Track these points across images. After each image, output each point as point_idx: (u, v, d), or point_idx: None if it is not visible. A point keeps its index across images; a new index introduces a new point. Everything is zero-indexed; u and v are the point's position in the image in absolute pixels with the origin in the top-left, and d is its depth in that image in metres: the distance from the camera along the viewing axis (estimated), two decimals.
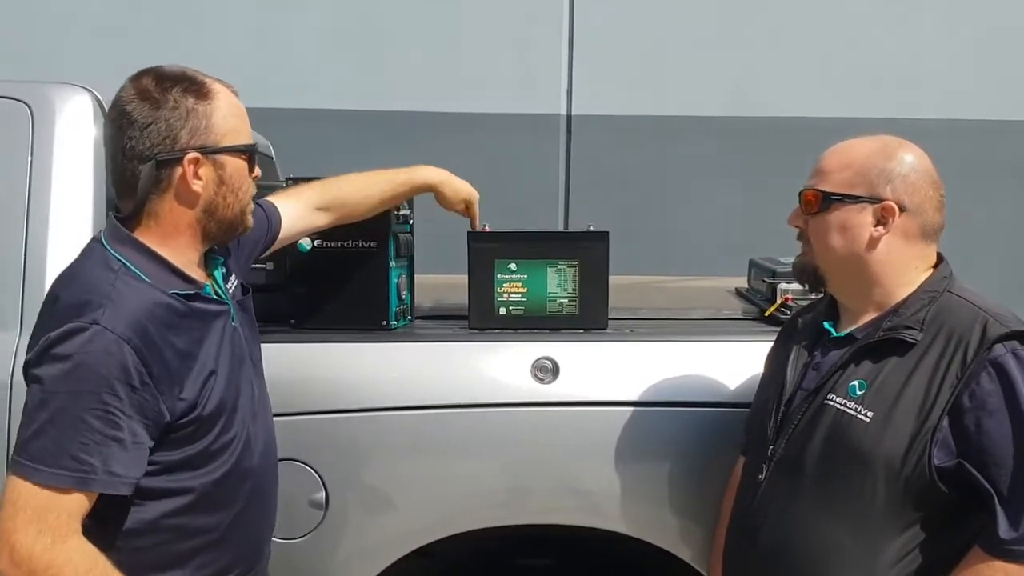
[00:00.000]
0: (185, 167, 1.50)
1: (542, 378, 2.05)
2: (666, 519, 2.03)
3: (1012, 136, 5.42)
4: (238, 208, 1.58)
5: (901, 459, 1.52)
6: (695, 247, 5.18)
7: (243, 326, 1.67)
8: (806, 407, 1.66)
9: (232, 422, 1.56)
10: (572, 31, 5.49)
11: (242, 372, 1.62)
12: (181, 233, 1.54)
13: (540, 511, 2.06)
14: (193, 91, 1.52)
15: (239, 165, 1.57)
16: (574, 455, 2.02)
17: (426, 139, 5.35)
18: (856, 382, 1.61)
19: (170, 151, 1.49)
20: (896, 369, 1.58)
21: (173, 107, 1.50)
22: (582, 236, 2.24)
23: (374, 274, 2.16)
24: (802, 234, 1.74)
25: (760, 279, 2.58)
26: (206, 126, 1.52)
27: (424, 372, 2.06)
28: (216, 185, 1.54)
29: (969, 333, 1.54)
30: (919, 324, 1.59)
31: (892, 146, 1.67)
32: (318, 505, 2.01)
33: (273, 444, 1.73)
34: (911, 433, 1.53)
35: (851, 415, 1.59)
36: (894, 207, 1.62)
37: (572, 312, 2.21)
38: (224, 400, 1.54)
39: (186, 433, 1.49)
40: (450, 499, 2.03)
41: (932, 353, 1.56)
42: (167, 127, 1.49)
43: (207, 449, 1.52)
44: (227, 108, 1.55)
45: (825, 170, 1.68)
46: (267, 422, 1.72)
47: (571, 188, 5.53)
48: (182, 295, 1.51)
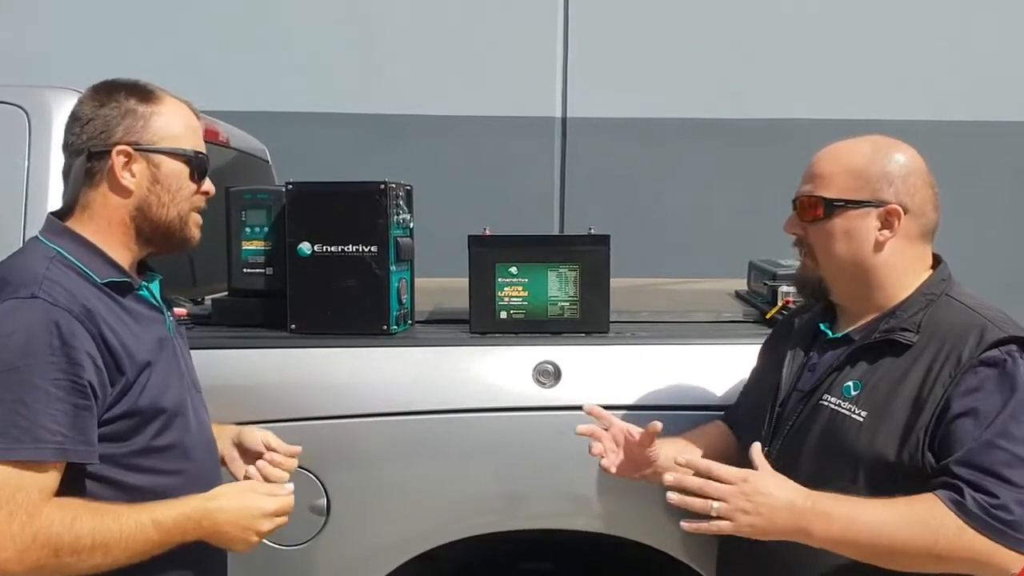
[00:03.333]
0: (114, 159, 1.54)
1: (544, 382, 2.04)
2: (668, 523, 2.02)
3: (1009, 137, 5.43)
4: (175, 212, 1.60)
5: (894, 458, 1.53)
6: (694, 249, 5.18)
7: (183, 350, 1.70)
8: (801, 408, 1.67)
9: (171, 426, 1.56)
10: (567, 34, 5.49)
11: (182, 385, 1.62)
12: (115, 228, 1.57)
13: (542, 515, 2.06)
14: (138, 95, 1.58)
15: (176, 168, 1.59)
16: (576, 459, 2.01)
17: (422, 142, 5.35)
18: (851, 382, 1.62)
19: (103, 145, 1.54)
20: (890, 370, 1.59)
21: (114, 106, 1.56)
22: (583, 239, 2.23)
23: (375, 278, 2.15)
24: (800, 241, 1.72)
25: (760, 281, 2.58)
26: (143, 125, 1.56)
27: (425, 376, 2.05)
28: (150, 183, 1.57)
29: (966, 337, 1.54)
30: (915, 326, 1.59)
31: (887, 147, 1.66)
32: (319, 511, 2.00)
33: (216, 468, 1.72)
34: (903, 433, 1.53)
35: (845, 415, 1.59)
36: (899, 210, 1.62)
37: (573, 315, 2.20)
38: (160, 401, 1.54)
39: (124, 426, 1.49)
40: (452, 504, 2.03)
41: (927, 355, 1.56)
42: (104, 123, 1.55)
43: (146, 448, 1.52)
44: (172, 116, 1.60)
45: (823, 175, 1.66)
46: (211, 451, 1.71)
47: (566, 191, 5.53)
48: (118, 283, 1.54)
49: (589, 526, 2.06)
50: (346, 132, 5.33)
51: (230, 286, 2.30)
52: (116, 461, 1.49)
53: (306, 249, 2.16)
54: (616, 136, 5.42)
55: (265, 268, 2.25)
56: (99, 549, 1.40)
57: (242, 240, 2.26)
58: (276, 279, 2.23)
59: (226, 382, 2.04)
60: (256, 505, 1.56)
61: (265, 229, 2.25)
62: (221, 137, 2.90)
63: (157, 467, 1.54)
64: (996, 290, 2.06)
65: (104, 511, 1.42)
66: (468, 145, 5.40)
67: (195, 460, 1.61)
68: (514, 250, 2.22)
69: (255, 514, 1.55)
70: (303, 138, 5.11)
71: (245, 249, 2.26)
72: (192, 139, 1.62)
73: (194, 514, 1.49)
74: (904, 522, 1.46)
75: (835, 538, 1.49)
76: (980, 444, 1.46)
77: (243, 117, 3.54)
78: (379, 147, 5.29)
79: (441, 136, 5.39)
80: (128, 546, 1.42)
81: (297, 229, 2.17)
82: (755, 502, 1.48)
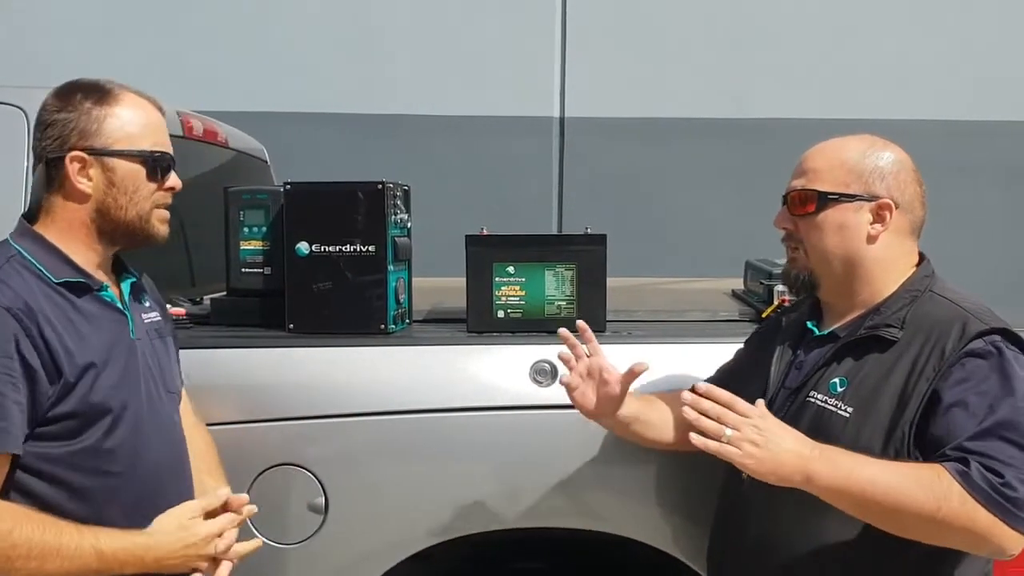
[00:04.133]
0: (68, 165, 1.57)
1: (541, 381, 2.05)
2: (665, 521, 2.04)
3: (1009, 137, 5.45)
4: (133, 212, 1.62)
5: (879, 453, 1.54)
6: (690, 249, 5.19)
7: (156, 351, 1.71)
8: (788, 405, 1.68)
9: (119, 428, 1.56)
10: (565, 33, 5.49)
11: (140, 387, 1.63)
12: (76, 231, 1.61)
13: (539, 514, 2.06)
14: (94, 97, 1.60)
15: (133, 169, 1.61)
16: (573, 458, 2.03)
17: (420, 142, 5.35)
18: (837, 379, 1.64)
19: (59, 151, 1.58)
20: (876, 366, 1.60)
21: (70, 110, 1.59)
22: (580, 239, 2.24)
23: (372, 278, 2.16)
24: (790, 236, 1.74)
25: (756, 281, 2.59)
26: (96, 129, 1.59)
27: (423, 376, 2.06)
28: (106, 186, 1.60)
29: (949, 330, 1.56)
30: (900, 322, 1.61)
31: (878, 144, 1.69)
32: (317, 509, 2.01)
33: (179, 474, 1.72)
34: (889, 427, 1.55)
35: (831, 411, 1.61)
36: (891, 203, 1.64)
37: (570, 315, 2.21)
38: (108, 403, 1.55)
39: (67, 426, 1.51)
40: (449, 502, 2.03)
41: (911, 350, 1.58)
42: (60, 128, 1.58)
43: (91, 448, 1.53)
44: (128, 116, 1.62)
45: (815, 169, 1.68)
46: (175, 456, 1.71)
47: (564, 190, 5.53)
48: (73, 283, 1.57)
49: (586, 524, 2.07)
50: (344, 132, 5.33)
51: (228, 286, 2.31)
52: (61, 461, 1.51)
53: (304, 249, 2.17)
54: (614, 136, 5.43)
55: (263, 268, 2.26)
56: (34, 561, 1.42)
57: (240, 240, 2.27)
58: (274, 279, 2.24)
59: (225, 382, 2.05)
60: (194, 533, 1.57)
61: (263, 229, 2.26)
62: (220, 137, 2.91)
63: (104, 468, 1.55)
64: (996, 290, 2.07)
65: (48, 526, 1.44)
66: (466, 145, 5.41)
67: (148, 462, 1.61)
68: (511, 250, 2.23)
69: (195, 541, 1.57)
70: (301, 138, 5.11)
71: (243, 249, 2.27)
72: (151, 137, 1.64)
73: (136, 550, 1.51)
74: (908, 481, 1.46)
75: (837, 486, 1.48)
76: (981, 431, 1.47)
77: (242, 117, 3.54)
78: (377, 147, 5.29)
79: (439, 136, 5.39)
80: (64, 566, 1.44)
81: (295, 229, 2.18)
82: (766, 437, 1.49)
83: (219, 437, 1.98)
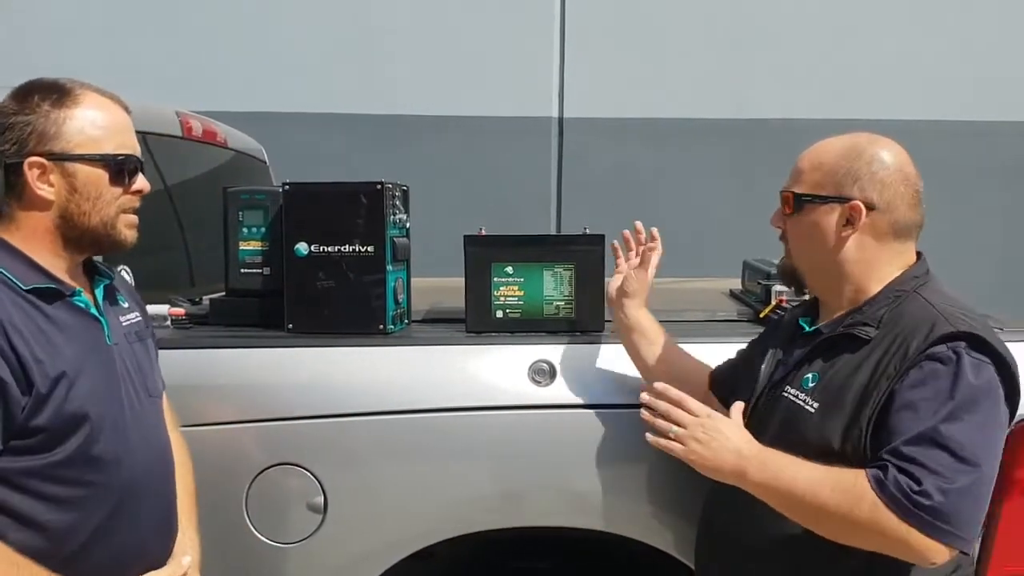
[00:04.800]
0: (26, 172, 1.51)
1: (539, 381, 2.05)
2: (663, 520, 2.04)
3: (1008, 137, 5.45)
4: (97, 219, 1.56)
5: (839, 448, 1.56)
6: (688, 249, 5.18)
7: (135, 354, 1.67)
8: (769, 399, 1.72)
9: (98, 437, 1.52)
10: (564, 34, 5.50)
11: (118, 394, 1.59)
12: (41, 238, 1.54)
13: (538, 514, 2.07)
14: (53, 98, 1.53)
15: (94, 175, 1.55)
16: (571, 457, 2.03)
17: (418, 142, 5.36)
18: (810, 375, 1.66)
19: (17, 156, 1.51)
20: (846, 364, 1.61)
21: (28, 113, 1.52)
22: (578, 239, 2.25)
23: (371, 278, 2.17)
24: (783, 235, 1.77)
25: (754, 281, 2.60)
26: (55, 133, 1.52)
27: (421, 376, 2.06)
28: (68, 193, 1.53)
29: (917, 331, 1.55)
30: (876, 321, 1.61)
31: (862, 144, 1.67)
32: (317, 509, 2.01)
33: (164, 478, 1.70)
34: (848, 424, 1.56)
35: (800, 405, 1.64)
36: (861, 206, 1.63)
37: (568, 315, 2.22)
38: (84, 412, 1.50)
39: (43, 438, 1.46)
40: (448, 502, 2.04)
41: (880, 349, 1.58)
42: (18, 132, 1.51)
43: (69, 459, 1.49)
44: (89, 118, 1.54)
45: (799, 170, 1.71)
46: (160, 461, 1.69)
47: (563, 191, 5.54)
48: (43, 289, 1.51)
49: (585, 524, 2.07)
50: (343, 132, 5.34)
51: (228, 286, 2.31)
52: (39, 473, 1.47)
53: (303, 249, 2.17)
54: (613, 136, 5.44)
55: (262, 268, 2.27)
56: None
57: (239, 240, 2.27)
58: (273, 279, 2.24)
59: (224, 381, 2.06)
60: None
61: (262, 229, 2.26)
62: (219, 137, 2.91)
63: (86, 477, 1.51)
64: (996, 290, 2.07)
65: (22, 567, 1.41)
66: (465, 145, 5.42)
67: (130, 468, 1.58)
68: (509, 250, 2.23)
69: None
70: (300, 138, 5.11)
71: (242, 249, 2.27)
72: (115, 140, 1.57)
73: None
74: (827, 483, 1.50)
75: (765, 484, 1.57)
76: (915, 435, 1.47)
77: (240, 117, 3.55)
78: (376, 147, 5.30)
79: (438, 136, 5.40)
80: None
81: (294, 229, 2.18)
82: (709, 435, 1.62)
83: (218, 437, 1.99)
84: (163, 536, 1.70)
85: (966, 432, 1.47)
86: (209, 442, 1.97)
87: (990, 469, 1.50)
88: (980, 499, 1.48)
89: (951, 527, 1.44)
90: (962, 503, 1.45)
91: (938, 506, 1.43)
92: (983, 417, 1.49)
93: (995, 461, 1.51)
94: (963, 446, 1.46)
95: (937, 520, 1.44)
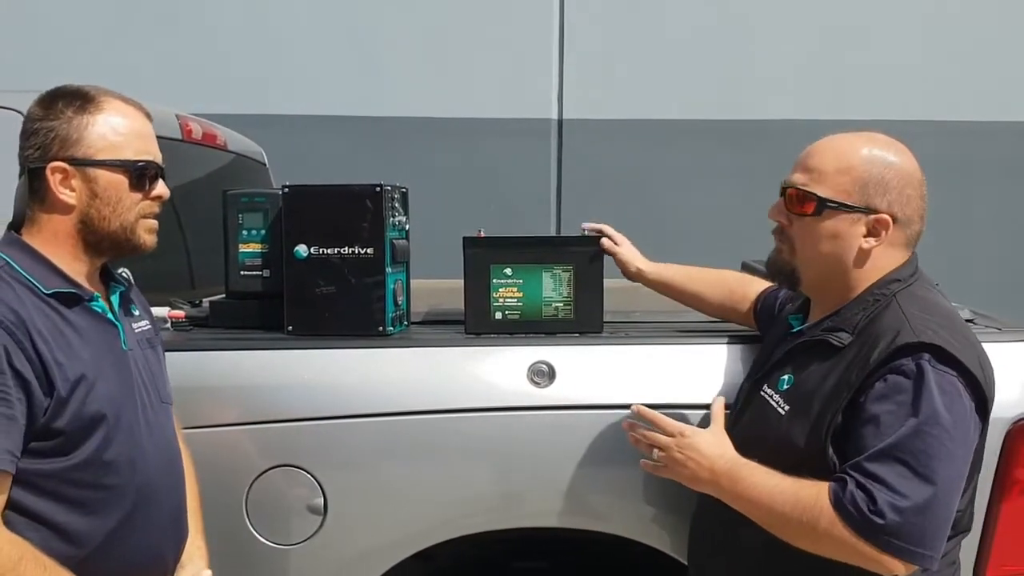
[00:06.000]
0: (49, 177, 1.54)
1: (538, 382, 2.06)
2: (663, 521, 2.04)
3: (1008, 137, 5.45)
4: (117, 223, 1.59)
5: (802, 452, 1.58)
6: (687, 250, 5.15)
7: (148, 361, 1.69)
8: (751, 394, 1.75)
9: (114, 441, 1.54)
10: (562, 35, 5.50)
11: (133, 399, 1.61)
12: (62, 242, 1.58)
13: (537, 515, 2.07)
14: (76, 104, 1.56)
15: (115, 180, 1.58)
16: (571, 459, 2.03)
17: (418, 144, 5.36)
18: (786, 376, 1.67)
19: (40, 162, 1.55)
20: (818, 370, 1.62)
21: (52, 119, 1.55)
22: (577, 240, 2.25)
23: (370, 280, 2.17)
24: (781, 230, 1.71)
25: None
26: (77, 138, 1.55)
27: (421, 377, 2.07)
28: (89, 198, 1.57)
29: (880, 340, 1.54)
30: (852, 328, 1.59)
31: (886, 150, 1.63)
32: (316, 510, 2.01)
33: (175, 486, 1.72)
34: (810, 429, 1.57)
35: (772, 406, 1.66)
36: (889, 221, 1.60)
37: (567, 316, 2.22)
38: (101, 416, 1.52)
39: (61, 441, 1.48)
40: (448, 503, 2.04)
41: (848, 356, 1.57)
42: (42, 137, 1.55)
43: (86, 462, 1.51)
44: (111, 124, 1.58)
45: (819, 170, 1.64)
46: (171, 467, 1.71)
47: (563, 192, 5.54)
48: (64, 294, 1.54)
49: (584, 524, 2.08)
50: (342, 135, 5.34)
51: (227, 288, 2.31)
52: (57, 476, 1.49)
53: (303, 251, 2.17)
54: (612, 138, 5.44)
55: (262, 270, 2.27)
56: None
57: (239, 242, 2.27)
58: (273, 281, 2.25)
59: (224, 383, 2.06)
60: None
61: (262, 232, 2.26)
62: (218, 140, 2.91)
63: (101, 481, 1.54)
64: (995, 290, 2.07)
65: (49, 568, 1.43)
66: (464, 147, 5.41)
67: (144, 472, 1.60)
68: (508, 251, 2.23)
69: None
70: (299, 141, 5.12)
71: (242, 251, 2.27)
72: (136, 146, 1.60)
73: None
74: (792, 498, 1.53)
75: (736, 496, 1.61)
76: (876, 451, 1.47)
77: (240, 120, 3.55)
78: (375, 149, 5.30)
79: (437, 138, 5.39)
80: None
81: (294, 231, 2.18)
82: (686, 455, 1.69)
83: (218, 439, 2.00)
84: (175, 541, 1.72)
85: (927, 447, 1.46)
86: (209, 444, 1.98)
87: (951, 484, 1.48)
88: (938, 515, 1.47)
89: (905, 544, 1.44)
90: (918, 520, 1.44)
91: (891, 524, 1.43)
92: (945, 432, 1.47)
93: (958, 476, 1.50)
94: (922, 462, 1.45)
95: (891, 537, 1.44)
